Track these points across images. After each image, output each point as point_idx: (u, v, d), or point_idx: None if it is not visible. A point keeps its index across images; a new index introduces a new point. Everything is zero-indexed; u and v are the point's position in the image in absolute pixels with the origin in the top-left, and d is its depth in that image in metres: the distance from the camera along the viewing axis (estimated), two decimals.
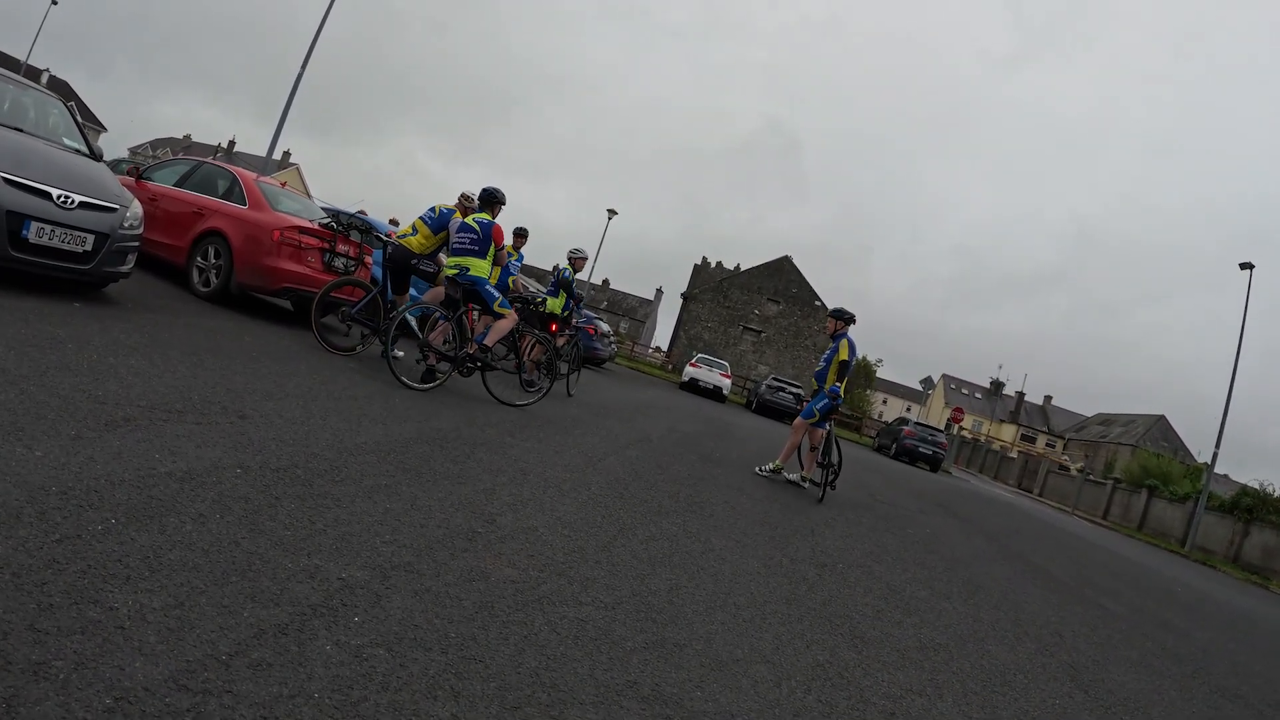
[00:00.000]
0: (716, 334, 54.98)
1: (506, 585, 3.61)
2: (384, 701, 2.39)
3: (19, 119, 7.65)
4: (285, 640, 2.54)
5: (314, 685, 2.36)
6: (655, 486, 7.15)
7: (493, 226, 9.02)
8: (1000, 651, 5.18)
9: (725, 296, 55.64)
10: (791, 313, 54.41)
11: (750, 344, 54.67)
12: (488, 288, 8.88)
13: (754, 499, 8.22)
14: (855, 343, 10.22)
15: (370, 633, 2.76)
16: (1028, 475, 52.24)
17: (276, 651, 2.47)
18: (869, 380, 64.94)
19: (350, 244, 10.23)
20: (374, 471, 4.73)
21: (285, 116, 19.78)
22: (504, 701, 2.61)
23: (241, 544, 3.14)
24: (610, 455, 8.11)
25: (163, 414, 4.48)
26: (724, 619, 4.11)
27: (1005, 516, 17.61)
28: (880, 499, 12.31)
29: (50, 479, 3.17)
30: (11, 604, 2.30)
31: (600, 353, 24.08)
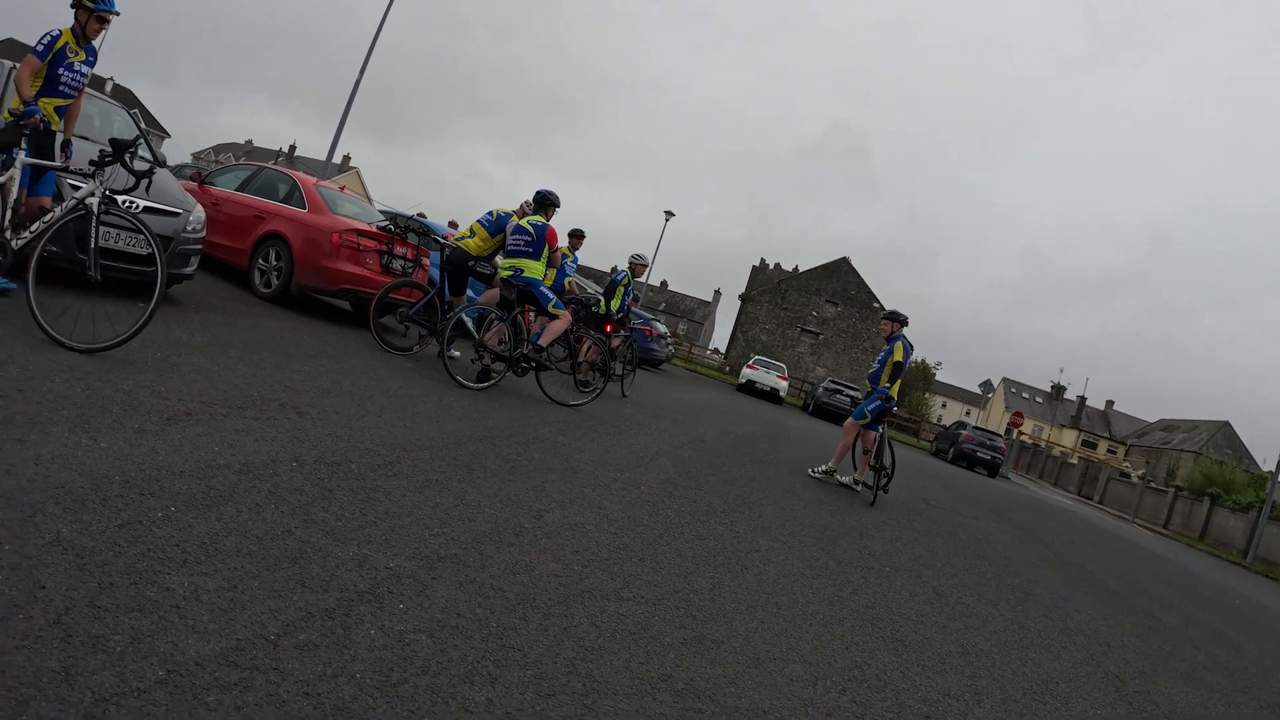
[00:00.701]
0: (774, 336, 54.77)
1: (549, 579, 3.69)
2: (423, 684, 2.48)
3: (84, 127, 7.97)
4: (331, 624, 2.65)
5: (357, 666, 2.46)
6: (705, 487, 7.19)
7: (546, 229, 9.14)
8: (1044, 659, 5.12)
9: (783, 298, 55.40)
10: (850, 315, 54.02)
11: (808, 346, 54.38)
12: (542, 289, 8.99)
13: (805, 501, 8.22)
14: (911, 345, 10.16)
15: (414, 619, 2.86)
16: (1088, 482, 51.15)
17: (323, 634, 2.57)
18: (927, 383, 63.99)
19: (408, 246, 10.42)
20: (426, 467, 4.85)
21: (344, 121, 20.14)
22: (539, 689, 2.69)
23: (294, 533, 3.26)
24: (662, 455, 8.17)
25: (222, 409, 4.64)
26: (764, 618, 4.14)
27: (1062, 524, 17.30)
28: (934, 503, 12.19)
29: (114, 469, 3.32)
30: (74, 582, 2.43)
31: (657, 354, 24.12)
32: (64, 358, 4.70)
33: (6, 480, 2.93)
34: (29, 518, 2.72)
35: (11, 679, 1.95)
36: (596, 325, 12.79)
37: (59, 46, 6.00)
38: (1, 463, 3.06)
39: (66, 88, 6.20)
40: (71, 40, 6.08)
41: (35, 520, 2.72)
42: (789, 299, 55.27)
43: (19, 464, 3.09)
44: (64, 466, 3.20)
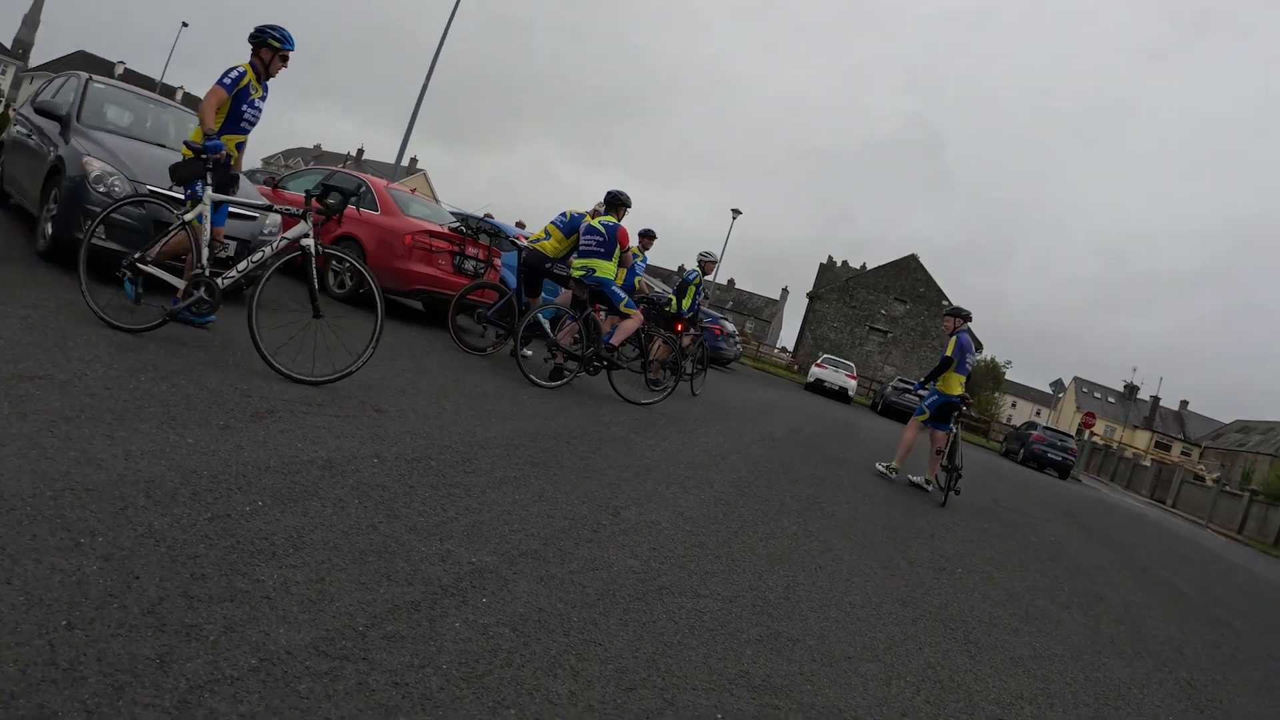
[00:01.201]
0: (842, 334, 54.31)
1: (628, 575, 3.69)
2: (507, 676, 2.49)
3: (161, 135, 8.29)
4: (417, 616, 2.67)
5: (443, 658, 2.47)
6: (777, 485, 7.14)
7: (618, 228, 9.14)
8: (1117, 665, 4.98)
9: (851, 296, 54.92)
10: (919, 312, 53.33)
11: (876, 344, 53.83)
12: (614, 288, 9.04)
13: (875, 501, 8.11)
14: (968, 341, 10.00)
15: (497, 613, 2.87)
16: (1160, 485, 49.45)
17: (409, 626, 2.59)
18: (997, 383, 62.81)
19: (479, 247, 10.51)
20: (503, 464, 4.88)
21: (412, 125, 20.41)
22: (620, 682, 2.68)
23: (378, 528, 3.30)
24: (733, 453, 8.13)
25: (304, 407, 4.72)
26: (838, 616, 4.10)
27: (1134, 527, 16.82)
28: (1004, 505, 11.95)
29: (202, 464, 3.39)
30: (167, 573, 2.48)
31: (725, 353, 24.04)
32: (148, 357, 4.80)
33: (98, 474, 3.00)
34: (121, 510, 2.78)
35: (108, 665, 1.99)
36: (667, 324, 12.78)
37: (245, 82, 6.11)
38: (92, 457, 3.13)
39: (246, 123, 6.32)
40: (253, 77, 6.20)
41: (127, 513, 2.78)
42: (857, 297, 54.76)
43: (109, 459, 3.17)
44: (153, 461, 3.27)
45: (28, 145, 8.11)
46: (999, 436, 45.98)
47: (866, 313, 54.37)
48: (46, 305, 5.37)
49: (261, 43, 6.15)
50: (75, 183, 6.53)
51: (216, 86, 6.00)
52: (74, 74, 8.53)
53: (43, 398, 3.64)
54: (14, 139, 8.83)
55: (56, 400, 3.66)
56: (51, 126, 7.56)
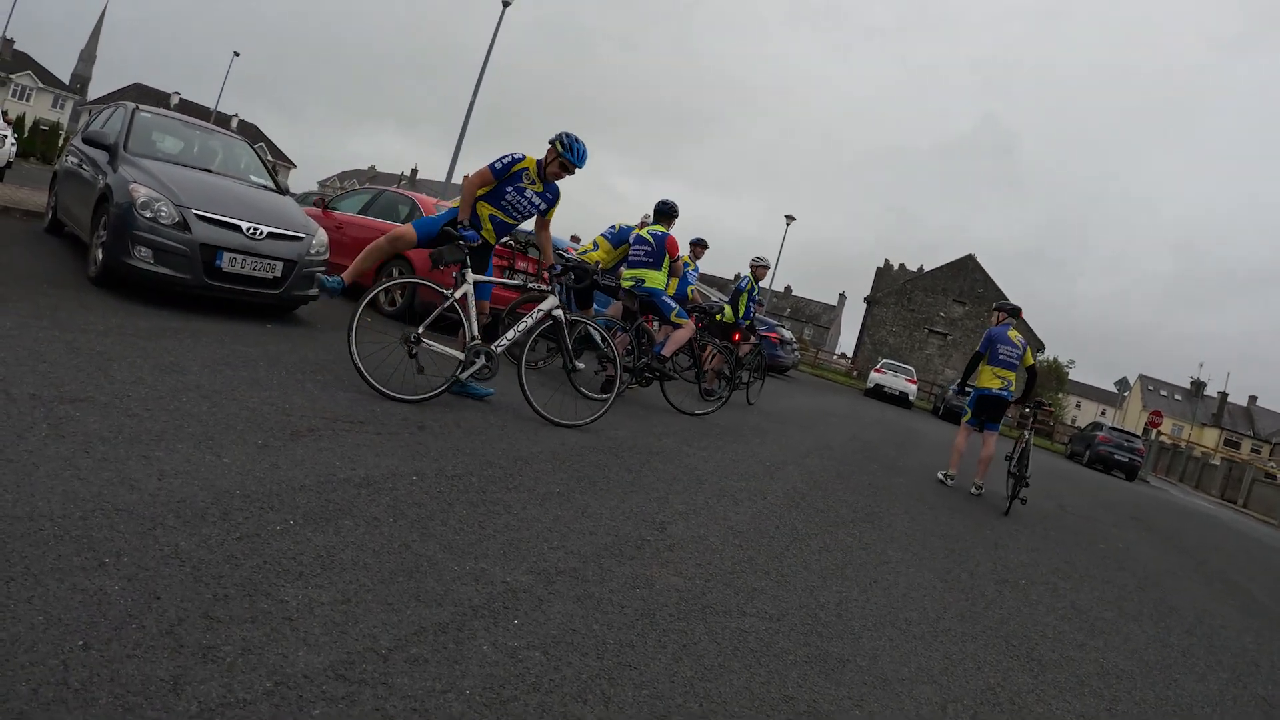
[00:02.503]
0: (901, 338, 53.63)
1: (670, 593, 3.55)
2: (533, 702, 2.38)
3: (208, 161, 8.44)
4: (444, 638, 2.58)
5: (467, 683, 2.37)
6: (833, 496, 6.96)
7: (666, 238, 9.06)
8: (1188, 681, 4.71)
9: (909, 299, 54.23)
10: (978, 314, 52.37)
11: (936, 347, 53.03)
12: (664, 298, 8.99)
13: (936, 510, 7.88)
14: (999, 331, 9.75)
15: (528, 635, 2.77)
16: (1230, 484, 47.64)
17: (434, 649, 2.50)
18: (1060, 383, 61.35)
19: (529, 261, 10.46)
20: (548, 479, 4.78)
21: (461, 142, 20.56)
22: (653, 709, 2.55)
23: (411, 546, 3.22)
24: (789, 464, 7.96)
25: (345, 425, 4.67)
26: (892, 635, 3.91)
27: (1205, 530, 16.19)
28: (1070, 510, 11.57)
29: (236, 483, 3.34)
30: (189, 593, 2.43)
31: (783, 360, 23.81)
32: (191, 378, 4.79)
33: (130, 494, 2.97)
34: (149, 530, 2.74)
35: (120, 687, 1.95)
36: (721, 333, 12.64)
37: (517, 169, 6.37)
38: (126, 478, 3.10)
39: (510, 206, 6.51)
40: (533, 170, 6.45)
41: (155, 533, 2.74)
42: (915, 300, 54.05)
43: (143, 479, 3.14)
44: (187, 481, 3.23)
45: (79, 175, 8.28)
46: (1063, 438, 44.92)
47: (925, 315, 53.63)
48: (94, 329, 5.39)
49: (552, 144, 6.41)
50: (122, 209, 6.61)
51: (484, 168, 6.33)
52: (122, 104, 8.69)
53: (82, 419, 3.63)
54: (67, 169, 9.04)
55: (96, 422, 3.65)
56: (100, 156, 7.70)
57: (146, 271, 6.58)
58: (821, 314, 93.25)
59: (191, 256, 6.64)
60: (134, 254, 6.54)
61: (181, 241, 6.61)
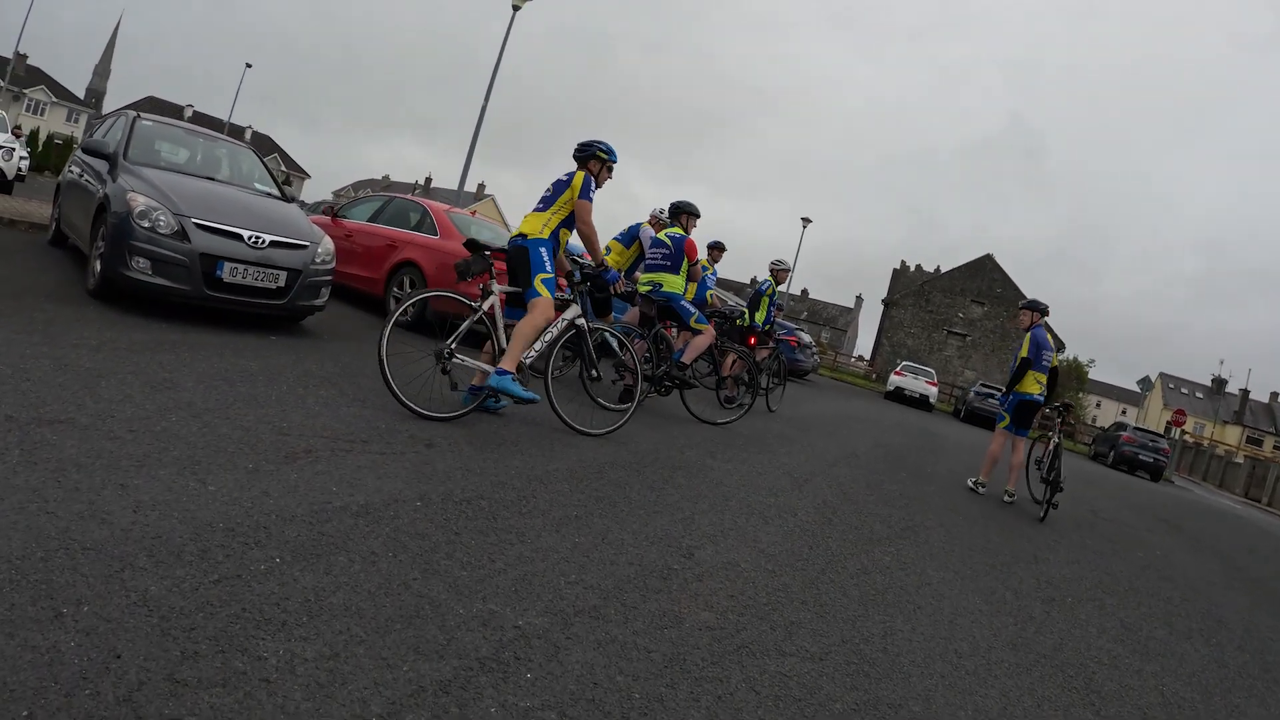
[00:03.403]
0: (920, 340, 53.09)
1: (702, 632, 3.21)
2: None
3: (211, 169, 8.26)
4: (445, 700, 2.24)
5: None
6: (865, 509, 6.62)
7: (685, 240, 8.74)
8: (1250, 706, 4.37)
9: (927, 300, 53.69)
10: (997, 314, 51.79)
11: (955, 349, 52.46)
12: (683, 303, 8.66)
13: (970, 520, 7.53)
14: (1044, 336, 9.35)
15: (543, 692, 2.43)
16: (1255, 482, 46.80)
17: (434, 713, 2.17)
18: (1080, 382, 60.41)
19: None
20: (564, 501, 4.46)
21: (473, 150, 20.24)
22: None
23: (412, 586, 2.89)
24: (817, 475, 7.62)
25: (346, 444, 4.36)
26: (943, 670, 3.56)
27: (1235, 532, 15.76)
28: (1103, 515, 11.19)
29: (219, 515, 3.04)
30: (155, 650, 2.13)
31: (802, 365, 23.45)
32: (184, 396, 4.49)
33: (99, 530, 2.68)
34: (116, 573, 2.45)
35: None
36: (741, 338, 12.31)
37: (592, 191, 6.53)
38: (98, 510, 2.82)
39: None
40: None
41: (123, 576, 2.45)
42: (933, 301, 53.51)
43: (116, 511, 2.85)
44: (165, 514, 2.93)
45: (80, 185, 8.07)
46: (1086, 439, 44.29)
47: (944, 317, 53.08)
48: (86, 344, 5.14)
49: (590, 155, 6.51)
50: (120, 219, 6.38)
51: (586, 202, 6.37)
52: (123, 113, 8.49)
53: (58, 444, 3.35)
54: (70, 180, 8.85)
55: (73, 446, 3.37)
56: (101, 165, 7.50)
57: (144, 283, 6.34)
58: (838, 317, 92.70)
59: (190, 267, 6.39)
60: (131, 265, 6.30)
61: (180, 251, 6.36)
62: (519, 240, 6.27)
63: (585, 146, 6.55)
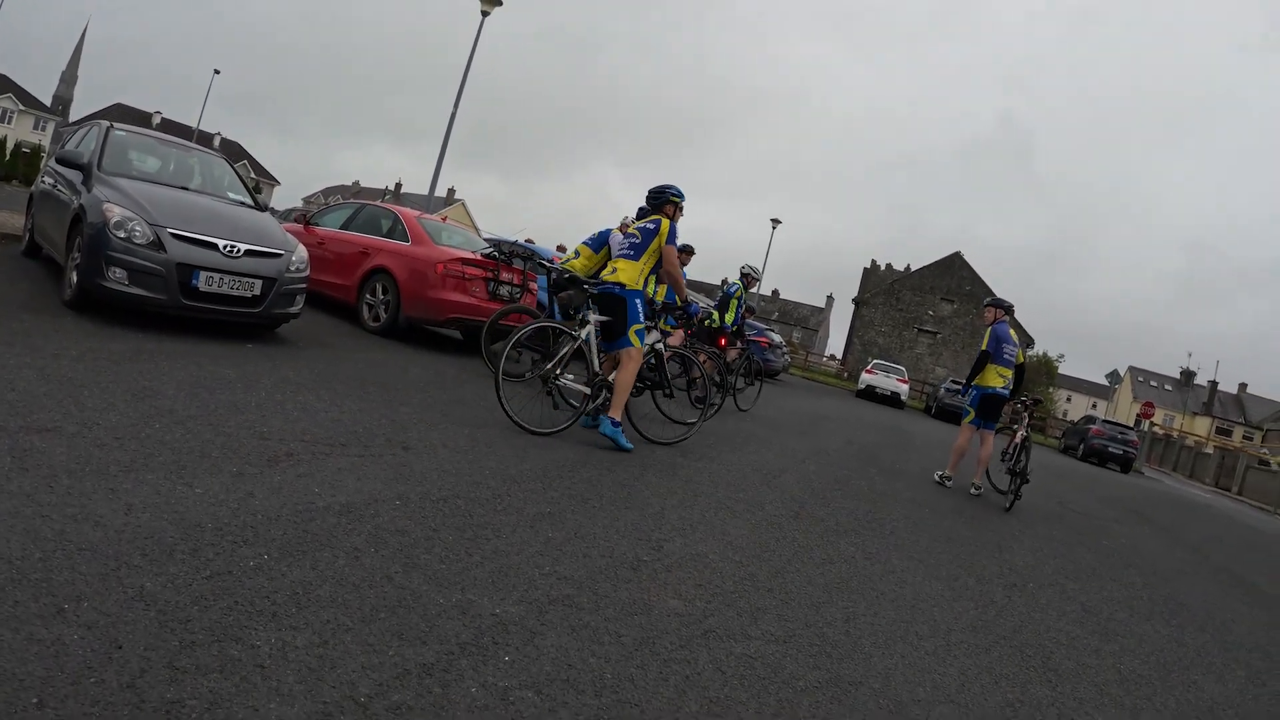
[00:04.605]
0: (890, 338, 53.51)
1: (671, 618, 3.38)
2: None
3: (184, 179, 8.30)
4: (429, 681, 2.40)
5: None
6: (833, 504, 6.80)
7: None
8: (1207, 682, 4.58)
9: (897, 299, 54.12)
10: (966, 311, 52.27)
11: (926, 346, 52.93)
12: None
13: (937, 513, 7.74)
14: (1005, 331, 9.66)
15: (520, 673, 2.59)
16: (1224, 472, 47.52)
17: (418, 694, 2.33)
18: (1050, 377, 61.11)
19: (514, 272, 10.31)
20: (538, 499, 4.61)
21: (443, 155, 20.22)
22: None
23: (394, 579, 3.04)
24: (786, 471, 7.80)
25: (325, 448, 4.50)
26: (904, 651, 3.74)
27: (1204, 521, 16.12)
28: (1070, 507, 11.46)
29: (207, 515, 3.17)
30: (154, 641, 2.27)
31: (774, 364, 23.66)
32: (165, 403, 4.61)
33: (94, 532, 2.81)
34: (113, 571, 2.58)
35: None
36: (710, 339, 12.49)
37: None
38: (91, 514, 2.94)
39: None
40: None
41: (119, 574, 2.58)
42: (903, 299, 53.94)
43: (108, 514, 2.97)
44: (155, 515, 3.06)
45: (54, 196, 8.09)
46: (1056, 432, 44.83)
47: (914, 315, 53.53)
48: (67, 354, 5.22)
49: (665, 200, 7.08)
50: (96, 229, 6.44)
51: (672, 248, 6.98)
52: (96, 123, 8.51)
53: (48, 451, 3.47)
54: (43, 191, 8.83)
55: (62, 453, 3.48)
56: (75, 176, 7.52)
57: (121, 293, 6.41)
58: (810, 316, 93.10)
59: (167, 276, 6.47)
60: (108, 275, 6.37)
61: (156, 261, 6.44)
62: (618, 290, 6.86)
63: (659, 193, 7.08)
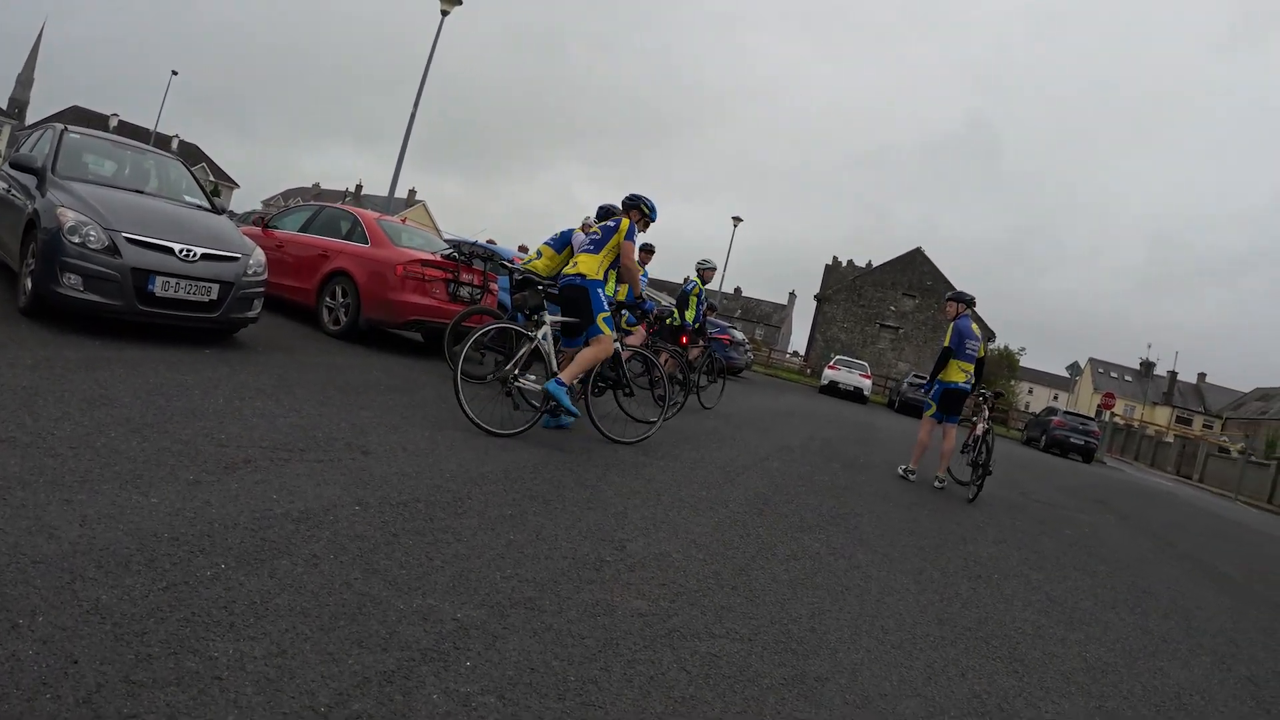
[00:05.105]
0: (853, 334, 53.82)
1: (634, 619, 3.40)
2: None
3: (140, 182, 8.15)
4: (389, 689, 2.40)
5: None
6: (796, 499, 6.85)
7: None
8: (1173, 668, 4.66)
9: (859, 295, 54.42)
10: (928, 306, 52.70)
11: (888, 341, 53.28)
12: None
13: (901, 506, 7.82)
14: (967, 326, 9.74)
15: (482, 679, 2.59)
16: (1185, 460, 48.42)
17: (379, 702, 2.32)
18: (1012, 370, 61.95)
19: (474, 273, 10.28)
20: (499, 501, 4.61)
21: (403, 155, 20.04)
22: None
23: (354, 585, 3.03)
24: (749, 468, 7.85)
25: (284, 454, 4.47)
26: (870, 646, 3.79)
27: (1166, 509, 16.41)
28: (1034, 497, 11.63)
29: (163, 525, 3.14)
30: (110, 655, 2.25)
31: (737, 361, 23.74)
32: (121, 411, 4.56)
33: (48, 545, 2.77)
34: (68, 584, 2.55)
35: None
36: (672, 337, 12.51)
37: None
38: (45, 525, 2.91)
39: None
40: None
41: (74, 587, 2.55)
42: (865, 295, 54.25)
43: (63, 526, 2.94)
44: (110, 526, 3.03)
45: (8, 201, 7.93)
46: (1019, 424, 45.40)
47: (876, 311, 53.86)
48: (21, 364, 5.15)
49: (634, 206, 7.42)
50: (51, 235, 6.35)
51: (630, 244, 7.19)
52: (50, 126, 8.38)
53: (1, 462, 3.41)
54: None
55: (15, 464, 3.44)
56: (29, 180, 7.38)
57: (76, 300, 6.32)
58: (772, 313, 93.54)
59: (122, 282, 6.39)
60: (63, 281, 6.27)
61: (111, 267, 6.36)
62: (579, 280, 6.94)
63: (633, 199, 7.41)
